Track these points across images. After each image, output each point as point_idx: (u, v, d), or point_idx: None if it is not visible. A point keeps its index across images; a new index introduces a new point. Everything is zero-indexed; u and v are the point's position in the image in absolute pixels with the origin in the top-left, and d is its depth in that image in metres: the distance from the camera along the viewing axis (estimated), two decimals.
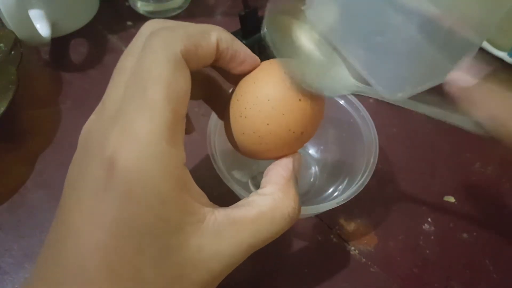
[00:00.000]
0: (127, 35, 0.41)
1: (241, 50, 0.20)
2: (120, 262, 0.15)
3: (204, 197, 0.18)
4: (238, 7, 0.44)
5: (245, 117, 0.20)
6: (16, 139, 0.33)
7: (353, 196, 0.25)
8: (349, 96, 0.29)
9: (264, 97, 0.20)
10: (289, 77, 0.20)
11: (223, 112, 0.22)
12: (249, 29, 0.37)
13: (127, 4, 0.44)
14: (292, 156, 0.21)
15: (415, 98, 0.21)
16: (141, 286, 0.15)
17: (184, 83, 0.17)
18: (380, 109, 0.37)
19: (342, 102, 0.30)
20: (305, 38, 0.21)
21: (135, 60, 0.17)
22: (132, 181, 0.15)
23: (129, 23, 0.42)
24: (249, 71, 0.21)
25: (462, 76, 0.21)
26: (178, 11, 0.44)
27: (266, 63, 0.21)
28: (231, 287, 0.27)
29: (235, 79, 0.21)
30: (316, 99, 0.20)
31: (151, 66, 0.17)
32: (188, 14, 0.44)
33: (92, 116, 0.18)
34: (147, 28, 0.19)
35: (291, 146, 0.21)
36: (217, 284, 0.18)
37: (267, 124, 0.20)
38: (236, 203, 0.19)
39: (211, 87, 0.24)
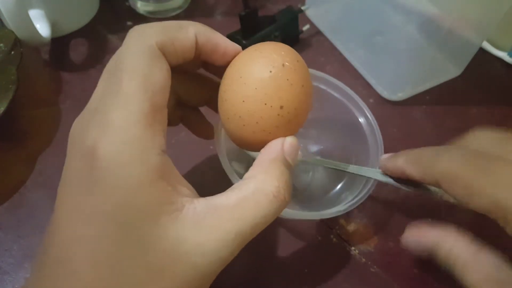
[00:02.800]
0: None
1: (221, 41, 0.20)
2: (101, 254, 0.15)
3: (187, 188, 0.18)
4: (238, 7, 0.44)
5: (225, 100, 0.20)
6: (16, 139, 0.33)
7: (358, 204, 0.25)
8: (353, 96, 0.29)
9: (237, 76, 0.19)
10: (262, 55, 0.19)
11: None
12: (249, 29, 0.37)
13: (127, 4, 0.44)
14: (281, 139, 0.20)
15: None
16: (122, 278, 0.15)
17: (160, 74, 0.18)
18: (380, 109, 0.37)
19: (345, 100, 0.30)
20: None
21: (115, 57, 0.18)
22: (110, 169, 0.15)
23: (129, 23, 0.42)
24: None
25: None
26: (178, 11, 0.44)
27: (246, 49, 0.21)
28: (229, 286, 0.27)
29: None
30: (292, 71, 0.19)
31: (126, 60, 0.17)
32: (188, 14, 0.44)
33: (78, 116, 0.18)
34: (131, 30, 0.19)
35: (277, 126, 0.19)
36: (209, 281, 0.17)
37: (243, 102, 0.19)
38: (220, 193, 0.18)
39: (211, 90, 0.24)
